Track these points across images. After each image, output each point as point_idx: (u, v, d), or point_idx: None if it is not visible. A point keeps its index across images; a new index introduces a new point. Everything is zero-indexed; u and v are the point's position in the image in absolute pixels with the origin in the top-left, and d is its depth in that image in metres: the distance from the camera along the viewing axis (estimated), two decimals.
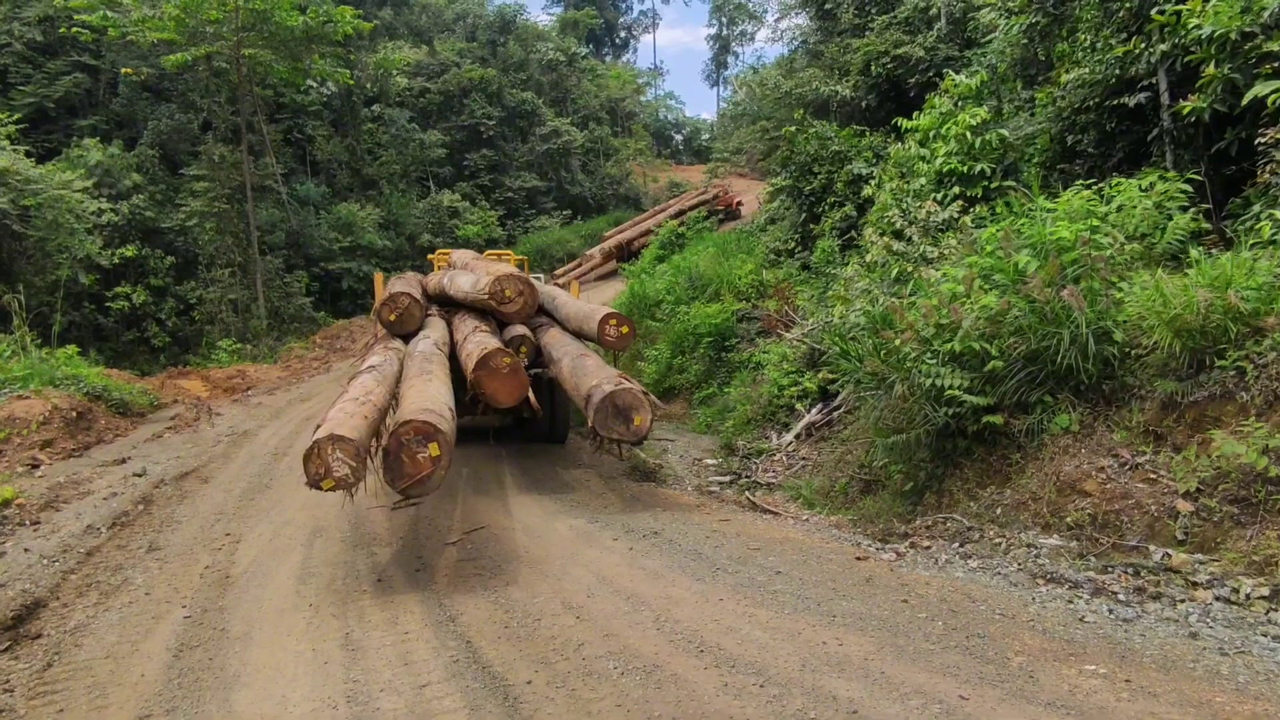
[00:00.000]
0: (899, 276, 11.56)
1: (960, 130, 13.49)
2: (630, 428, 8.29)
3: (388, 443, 6.02)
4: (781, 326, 16.63)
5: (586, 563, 6.87)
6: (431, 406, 6.28)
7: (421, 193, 36.71)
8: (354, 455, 5.87)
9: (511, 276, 10.86)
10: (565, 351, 10.24)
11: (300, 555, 7.62)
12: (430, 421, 5.98)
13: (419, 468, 6.03)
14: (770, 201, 25.54)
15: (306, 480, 5.95)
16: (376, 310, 11.23)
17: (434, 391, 7.09)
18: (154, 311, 26.23)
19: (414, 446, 5.91)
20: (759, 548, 7.09)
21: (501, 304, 10.61)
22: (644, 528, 7.89)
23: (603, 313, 10.45)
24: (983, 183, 13.28)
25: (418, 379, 7.51)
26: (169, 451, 13.30)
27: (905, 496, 8.60)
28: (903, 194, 13.90)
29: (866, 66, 21.46)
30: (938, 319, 8.24)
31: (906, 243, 11.95)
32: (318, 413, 16.52)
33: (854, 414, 11.58)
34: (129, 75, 28.17)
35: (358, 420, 6.36)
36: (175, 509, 10.10)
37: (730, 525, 7.99)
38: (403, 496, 6.11)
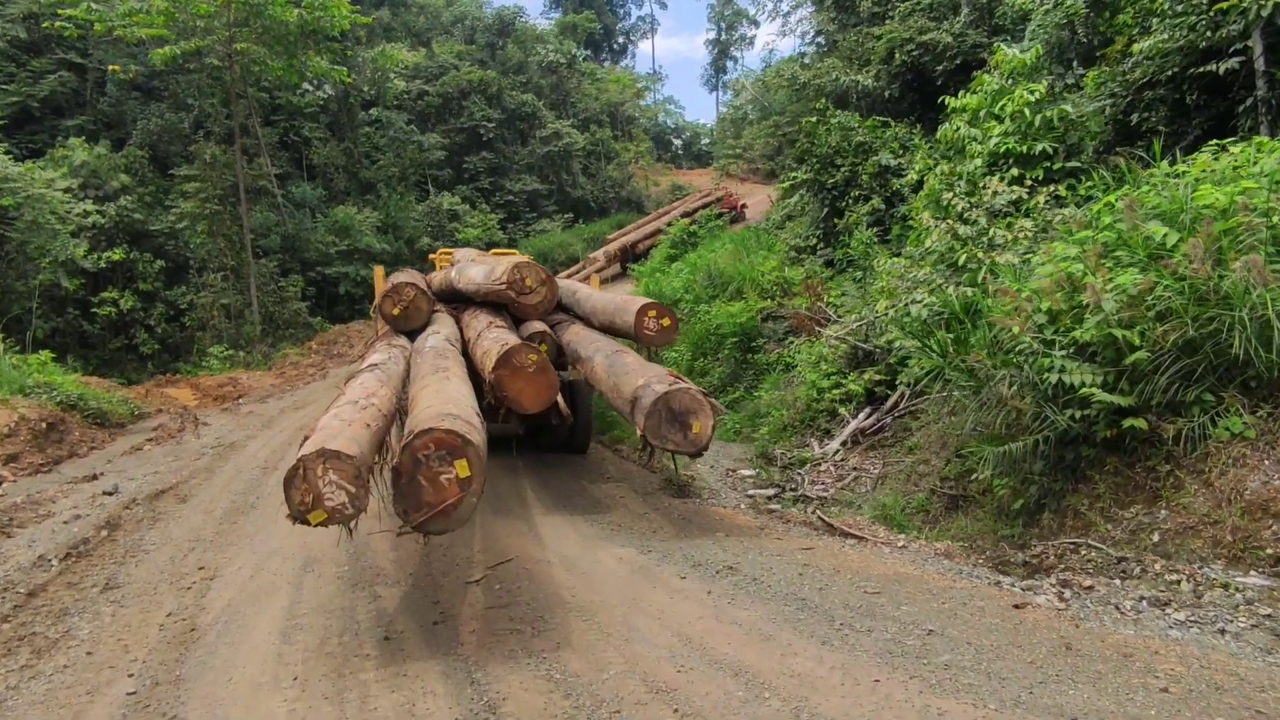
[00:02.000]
0: (966, 263, 10.02)
1: (1017, 107, 12.00)
2: (688, 436, 6.72)
3: (400, 460, 4.43)
4: (814, 325, 15.09)
5: (656, 612, 5.27)
6: (455, 411, 4.71)
7: (420, 196, 35.09)
8: (352, 477, 4.30)
9: (531, 264, 9.29)
10: (596, 348, 8.68)
11: (286, 598, 6.01)
12: (456, 431, 4.43)
13: (442, 494, 4.43)
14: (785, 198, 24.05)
15: (289, 512, 4.37)
16: (377, 304, 9.64)
17: (455, 392, 5.50)
18: (142, 317, 24.51)
19: (435, 465, 4.34)
20: (876, 590, 5.48)
21: (521, 295, 9.03)
22: (712, 560, 6.30)
23: (640, 303, 8.89)
24: (1044, 164, 11.78)
25: (432, 378, 5.91)
26: (147, 466, 11.68)
27: (1013, 516, 7.03)
28: (954, 177, 12.39)
29: (889, 55, 19.99)
30: (1054, 303, 6.69)
31: (972, 227, 10.41)
32: (313, 420, 14.93)
33: (920, 417, 10.03)
34: (117, 73, 26.50)
35: (357, 430, 4.78)
36: (144, 534, 8.49)
37: (816, 555, 6.41)
38: (417, 531, 4.52)
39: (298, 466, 4.26)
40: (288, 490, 4.30)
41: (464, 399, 5.31)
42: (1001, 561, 6.53)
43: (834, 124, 19.09)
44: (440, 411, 4.62)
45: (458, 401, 5.05)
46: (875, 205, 17.86)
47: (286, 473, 4.31)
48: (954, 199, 11.20)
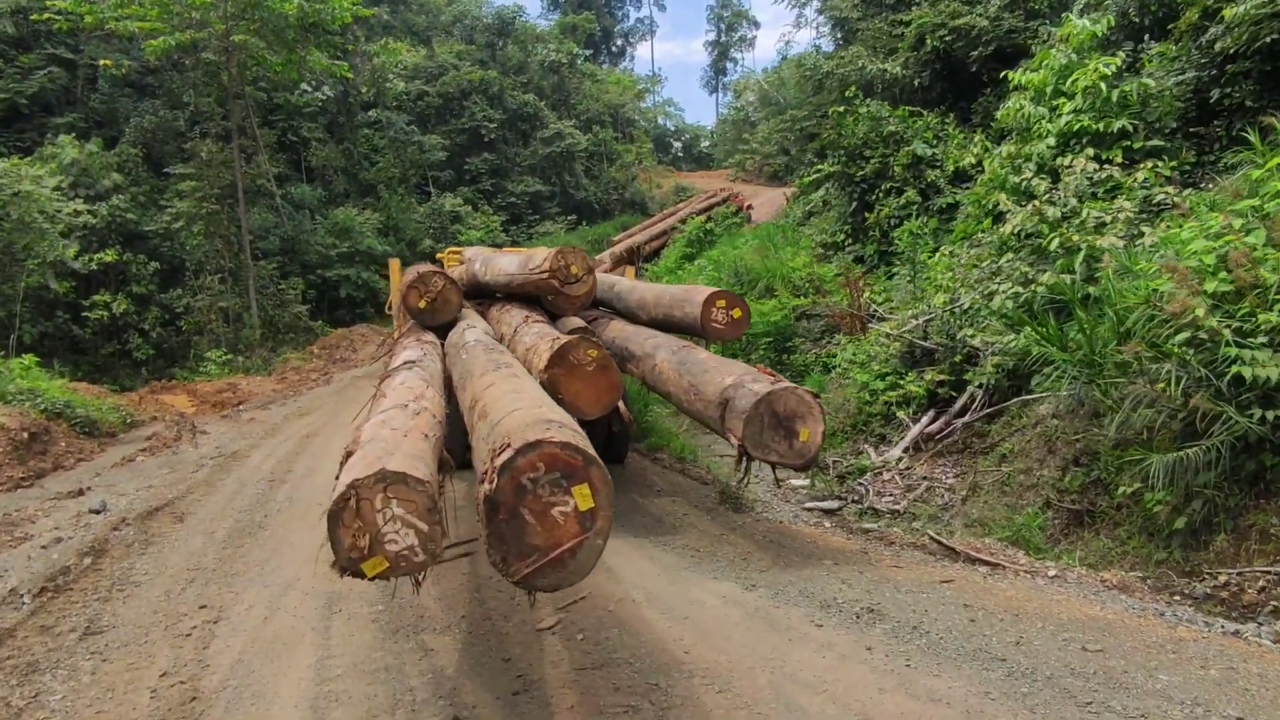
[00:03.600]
0: (1059, 247, 8.82)
1: (1091, 82, 10.83)
2: (794, 445, 5.48)
3: (495, 486, 3.12)
4: (858, 323, 13.89)
5: (814, 681, 3.97)
6: (556, 418, 3.44)
7: (421, 198, 33.76)
8: (424, 511, 3.07)
9: (576, 250, 8.05)
10: (655, 344, 7.43)
11: (312, 651, 4.74)
12: (574, 445, 3.15)
13: (556, 534, 3.12)
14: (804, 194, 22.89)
15: (335, 560, 3.13)
16: (401, 295, 8.36)
17: (537, 393, 4.23)
18: (136, 321, 23.05)
19: (546, 493, 3.04)
20: (1092, 645, 4.22)
21: (566, 284, 7.78)
22: (840, 598, 5.06)
23: (706, 292, 7.63)
24: (1123, 143, 10.62)
25: (496, 375, 4.64)
26: (139, 479, 10.38)
27: (1173, 537, 5.81)
28: (1021, 159, 11.22)
29: (919, 41, 18.84)
30: (1240, 281, 5.48)
31: (1059, 208, 9.22)
32: (320, 428, 13.58)
33: (1010, 421, 8.81)
34: (108, 68, 25.07)
35: (415, 442, 3.55)
36: (134, 562, 7.20)
37: (964, 590, 5.18)
38: (520, 586, 3.25)
39: (348, 496, 3.02)
40: (333, 530, 3.05)
41: (549, 400, 4.03)
42: (1168, 588, 5.32)
43: (862, 114, 17.93)
44: (538, 417, 3.36)
45: (551, 405, 3.79)
46: (910, 197, 16.68)
47: (332, 503, 3.06)
48: (1034, 181, 10.01)
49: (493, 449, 3.14)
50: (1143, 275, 7.33)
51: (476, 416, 4.05)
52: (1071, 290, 7.50)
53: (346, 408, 15.00)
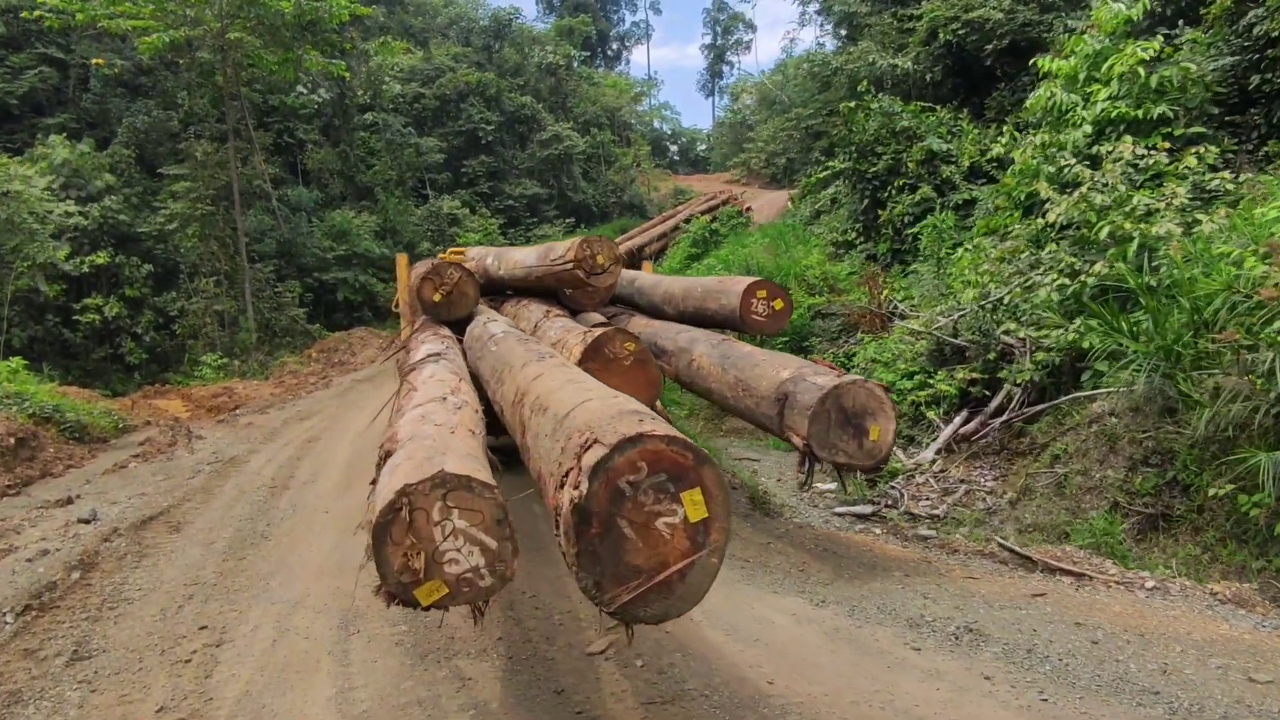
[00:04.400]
0: (1110, 235, 8.28)
1: (1129, 67, 10.33)
2: (863, 444, 4.91)
3: (584, 493, 2.47)
4: (879, 321, 13.37)
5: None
6: (638, 407, 2.84)
7: (418, 201, 33.13)
8: (492, 522, 2.49)
9: (602, 239, 7.47)
10: (690, 338, 6.86)
11: (330, 681, 4.14)
12: (679, 439, 2.54)
13: (661, 551, 2.52)
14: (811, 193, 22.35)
15: (382, 585, 2.53)
16: (414, 288, 7.76)
17: (596, 383, 3.63)
18: (129, 325, 22.32)
19: (649, 501, 2.42)
20: (1249, 671, 3.64)
21: (592, 275, 7.19)
22: (926, 615, 4.49)
23: (746, 282, 7.05)
24: (1163, 129, 10.13)
25: (537, 365, 4.05)
26: (132, 486, 9.74)
27: (1268, 543, 5.25)
28: (1055, 148, 10.70)
29: (931, 35, 18.36)
30: None
31: (1108, 194, 8.68)
32: (322, 432, 12.92)
33: (1064, 419, 8.25)
34: (100, 67, 24.38)
35: (465, 439, 2.99)
36: (127, 576, 6.57)
37: (1065, 606, 4.62)
38: (618, 617, 2.62)
39: (398, 505, 2.42)
40: (380, 548, 2.45)
41: (619, 393, 3.42)
42: None
43: (874, 109, 17.45)
44: (621, 408, 2.76)
45: (626, 396, 3.18)
46: (925, 194, 16.19)
47: (378, 514, 2.46)
48: (1077, 169, 9.49)
49: (573, 446, 2.55)
50: (1213, 261, 6.81)
51: (529, 411, 3.46)
52: (1137, 279, 6.95)
53: (348, 411, 14.39)
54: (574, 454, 2.51)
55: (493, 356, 4.98)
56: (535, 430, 3.21)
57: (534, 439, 3.20)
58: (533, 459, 3.22)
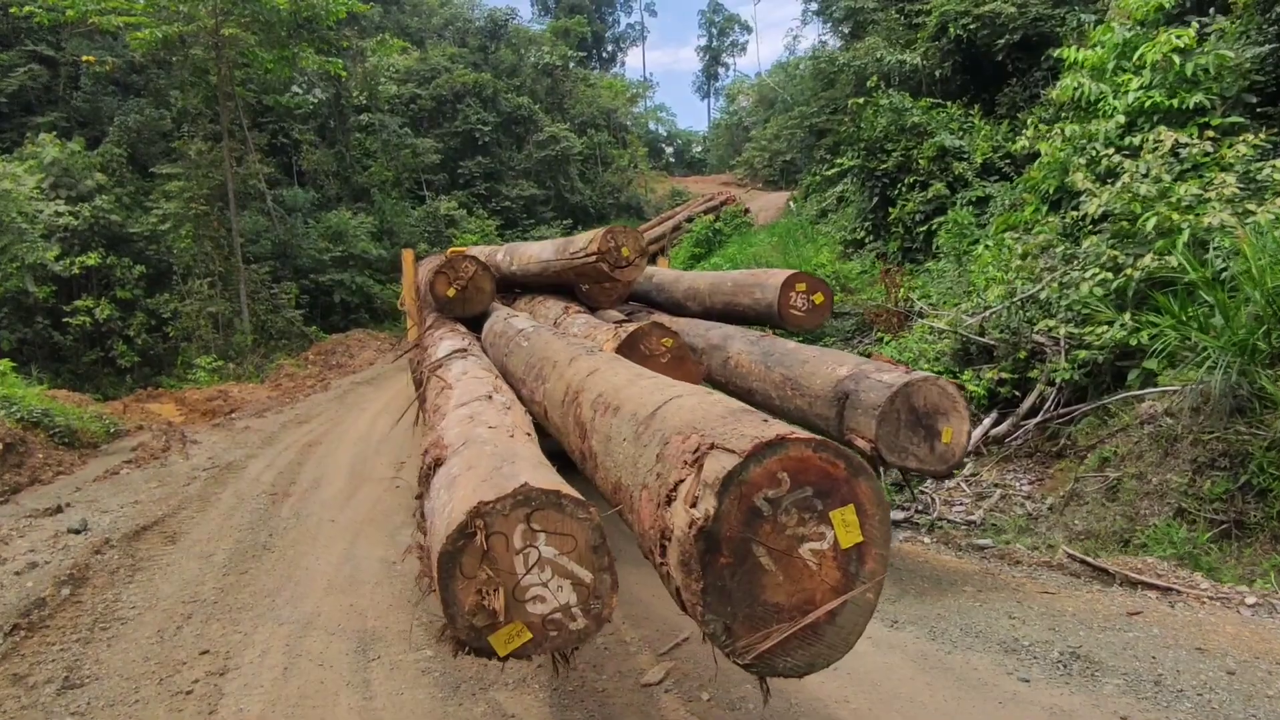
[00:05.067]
0: (1156, 228, 7.86)
1: (1163, 55, 9.93)
2: (935, 448, 4.45)
3: (711, 513, 1.90)
4: (898, 320, 12.95)
5: None
6: (744, 406, 2.36)
7: (415, 202, 32.60)
8: (588, 549, 2.00)
9: (626, 230, 7.01)
10: (724, 334, 6.40)
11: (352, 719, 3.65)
12: (828, 444, 2.00)
13: (808, 584, 2.01)
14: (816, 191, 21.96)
15: (449, 629, 2.03)
16: (427, 283, 7.28)
17: (675, 381, 3.13)
18: (120, 327, 21.71)
19: (791, 519, 1.91)
20: None
21: (616, 268, 6.73)
22: (1019, 637, 4.03)
23: (783, 275, 6.60)
24: (1199, 119, 9.73)
25: (587, 360, 3.57)
26: (125, 494, 9.23)
27: None
28: (1085, 139, 10.28)
29: (940, 30, 17.95)
30: None
31: (1154, 184, 8.26)
32: (322, 436, 12.40)
33: (1111, 419, 7.82)
34: (91, 64, 23.81)
35: (529, 445, 2.50)
36: (121, 592, 6.07)
37: (1167, 624, 4.17)
38: (754, 669, 2.06)
39: (470, 528, 1.93)
40: (448, 583, 1.94)
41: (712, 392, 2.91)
42: None
43: (883, 106, 17.05)
44: (729, 406, 2.28)
45: (716, 391, 2.68)
46: (938, 190, 15.78)
47: (444, 541, 1.97)
48: (1116, 158, 9.08)
49: (676, 452, 2.06)
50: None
51: (590, 411, 2.98)
52: (1201, 271, 6.52)
53: (349, 414, 13.90)
54: (681, 462, 2.03)
55: (525, 352, 4.50)
56: (603, 433, 2.73)
57: (602, 443, 2.72)
58: (601, 467, 2.74)
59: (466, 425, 2.77)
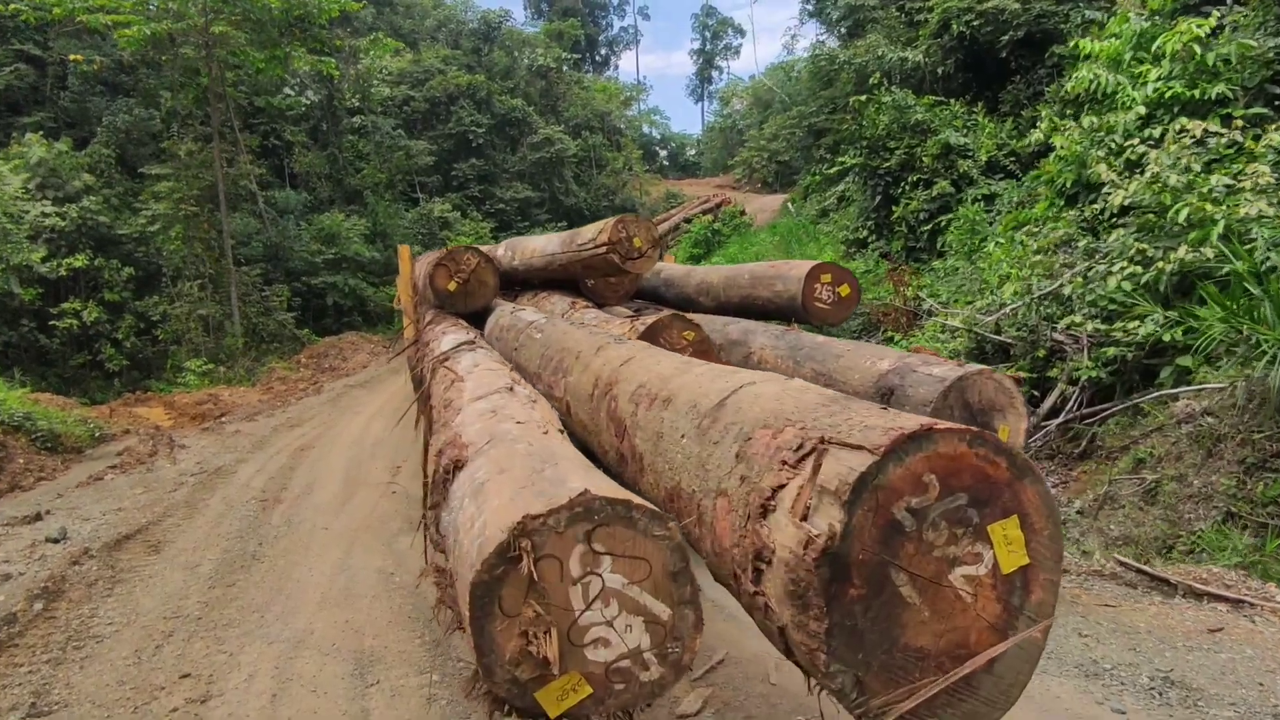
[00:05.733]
0: (1189, 219, 7.49)
1: (1183, 45, 9.59)
2: None
3: (839, 529, 1.43)
4: (905, 318, 12.59)
5: None
6: (836, 394, 1.94)
7: (408, 204, 32.14)
8: (665, 576, 1.57)
9: (637, 219, 6.60)
10: (743, 329, 6.00)
11: None
12: (986, 437, 1.53)
13: (960, 620, 1.53)
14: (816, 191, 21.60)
15: (483, 680, 1.57)
16: (427, 276, 6.85)
17: (735, 368, 2.70)
18: (108, 331, 21.15)
19: (940, 536, 1.48)
20: None
21: (628, 260, 6.33)
22: (1098, 659, 3.64)
23: (807, 265, 6.19)
24: (1220, 110, 9.38)
25: (616, 349, 3.15)
26: (108, 500, 8.76)
27: None
28: (1102, 131, 9.94)
29: (943, 27, 17.62)
30: None
31: (1184, 175, 7.90)
32: (315, 440, 11.92)
33: (1143, 419, 7.44)
34: (79, 63, 23.28)
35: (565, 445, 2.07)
36: (99, 606, 5.61)
37: (1256, 642, 3.76)
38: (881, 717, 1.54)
39: (512, 550, 1.48)
40: (481, 625, 1.48)
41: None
42: None
43: (886, 103, 16.70)
44: (822, 392, 1.87)
45: (798, 381, 2.27)
46: (943, 188, 15.44)
47: (480, 567, 1.52)
48: (1142, 149, 8.73)
49: (766, 450, 1.63)
50: None
51: (630, 404, 2.55)
52: (1250, 262, 6.15)
53: (342, 417, 13.45)
54: (778, 462, 1.60)
55: (539, 344, 4.08)
56: (650, 429, 2.30)
57: (649, 441, 2.29)
58: (649, 470, 2.29)
59: (489, 420, 2.35)
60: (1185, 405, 6.89)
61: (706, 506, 1.83)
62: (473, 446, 2.12)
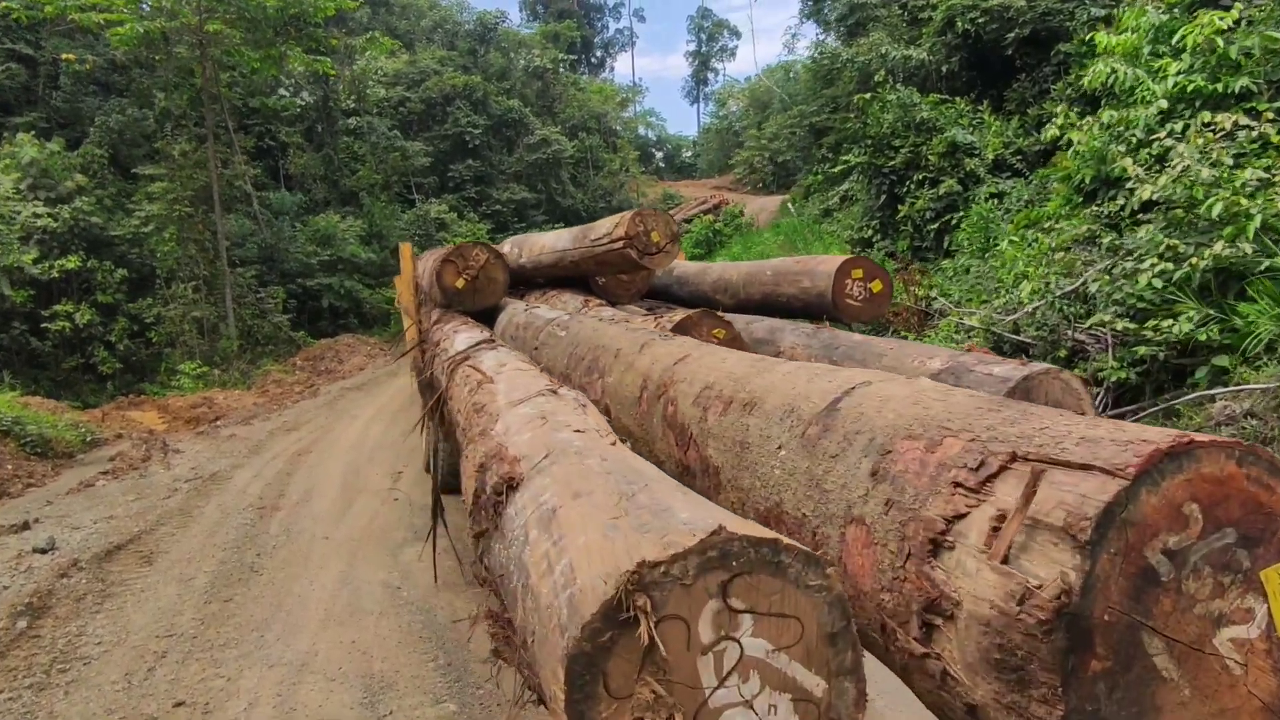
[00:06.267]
0: (1223, 214, 7.19)
1: (1205, 37, 9.30)
2: None
3: (1078, 580, 1.04)
4: (916, 318, 12.29)
5: None
6: (993, 399, 1.61)
7: (404, 206, 31.75)
8: (819, 642, 1.17)
9: (656, 213, 6.26)
10: (769, 327, 5.66)
11: None
12: (1258, 451, 1.17)
13: (1227, 701, 1.14)
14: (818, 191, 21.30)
15: None
16: (433, 273, 6.50)
17: (828, 366, 2.33)
18: (101, 333, 20.69)
19: (1203, 586, 1.11)
20: None
21: (645, 255, 5.99)
22: None
23: (836, 261, 5.87)
24: (1243, 104, 9.10)
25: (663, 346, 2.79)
26: (99, 508, 8.38)
27: None
28: (1122, 126, 9.65)
29: (947, 25, 17.35)
30: None
31: (1215, 169, 7.60)
32: (312, 444, 11.54)
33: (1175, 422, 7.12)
34: (71, 63, 22.85)
35: (641, 461, 1.72)
36: (87, 624, 5.24)
37: None
38: None
39: (623, 608, 1.12)
40: (579, 709, 1.11)
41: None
42: None
43: (890, 101, 16.41)
44: (984, 397, 1.53)
45: (926, 381, 1.93)
46: (950, 187, 15.15)
47: (579, 634, 1.14)
48: (1169, 143, 8.44)
49: (951, 470, 1.26)
50: None
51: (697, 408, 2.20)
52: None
53: (339, 421, 13.07)
54: (950, 484, 1.22)
55: (565, 343, 3.73)
56: (730, 438, 1.95)
57: (729, 453, 1.93)
58: (730, 487, 1.92)
59: (540, 429, 1.99)
60: (1224, 407, 6.58)
61: (828, 536, 1.48)
62: (526, 461, 1.78)
